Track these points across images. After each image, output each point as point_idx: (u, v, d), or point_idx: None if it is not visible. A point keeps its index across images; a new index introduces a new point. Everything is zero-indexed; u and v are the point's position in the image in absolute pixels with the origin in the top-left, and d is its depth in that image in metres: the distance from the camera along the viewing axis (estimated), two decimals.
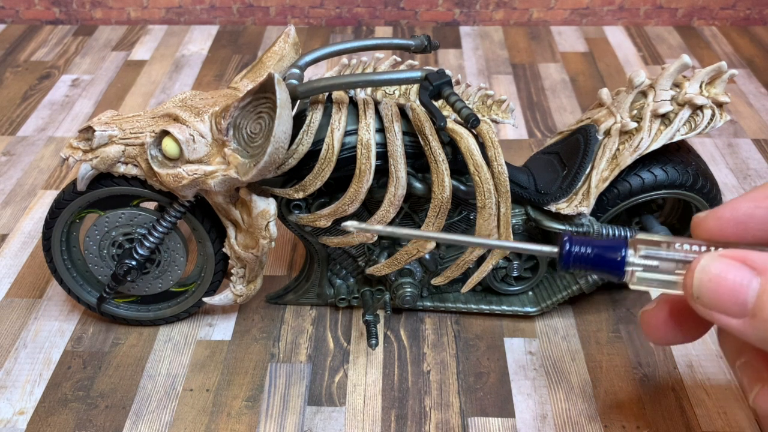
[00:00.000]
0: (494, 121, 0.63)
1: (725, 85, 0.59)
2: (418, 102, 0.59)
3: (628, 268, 0.35)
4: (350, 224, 0.39)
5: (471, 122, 0.50)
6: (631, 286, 0.35)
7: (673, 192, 0.60)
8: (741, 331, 0.31)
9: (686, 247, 0.34)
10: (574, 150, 0.61)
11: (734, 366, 0.36)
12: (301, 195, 0.57)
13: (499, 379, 0.61)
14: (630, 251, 0.34)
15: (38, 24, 1.25)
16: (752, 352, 0.35)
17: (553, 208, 0.60)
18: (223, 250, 0.60)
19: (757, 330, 0.31)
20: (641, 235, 0.35)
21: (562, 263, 0.36)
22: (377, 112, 0.56)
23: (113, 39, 1.20)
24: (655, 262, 0.34)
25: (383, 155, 0.56)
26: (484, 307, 0.66)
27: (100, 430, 0.57)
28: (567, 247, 0.35)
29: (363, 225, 0.38)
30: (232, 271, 0.61)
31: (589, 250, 0.35)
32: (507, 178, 0.55)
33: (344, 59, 0.61)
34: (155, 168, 0.54)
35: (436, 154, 0.54)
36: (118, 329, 0.66)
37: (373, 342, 0.60)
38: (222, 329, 0.66)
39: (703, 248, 0.34)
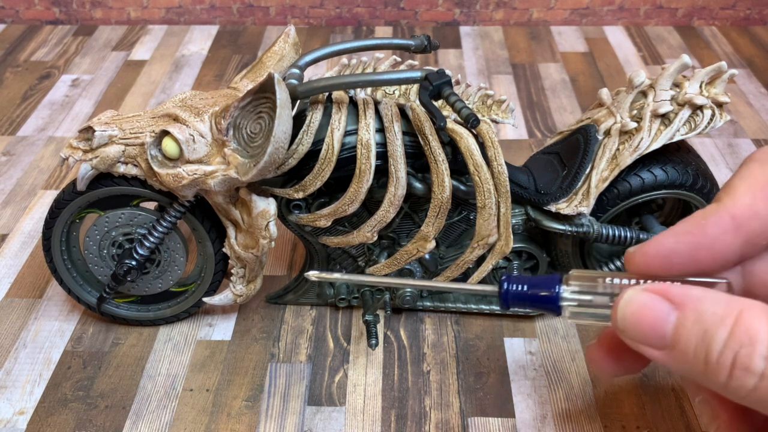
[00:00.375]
0: (494, 121, 0.63)
1: (725, 85, 0.59)
2: (418, 102, 0.59)
3: (563, 303, 0.36)
4: (312, 273, 0.41)
5: (471, 122, 0.50)
6: (567, 319, 0.36)
7: (673, 192, 0.60)
8: (664, 363, 0.32)
9: (616, 281, 0.35)
10: (574, 150, 0.61)
11: (694, 402, 0.37)
12: (301, 195, 0.57)
13: (499, 379, 0.61)
14: (564, 287, 0.36)
15: (38, 24, 1.25)
16: (708, 391, 0.35)
17: (553, 208, 0.60)
18: (223, 250, 0.60)
19: (676, 361, 0.32)
20: (575, 271, 0.36)
21: (502, 302, 0.37)
22: (377, 112, 0.56)
23: (113, 39, 1.20)
24: (588, 297, 0.36)
25: (383, 155, 0.56)
26: (484, 307, 0.66)
27: (100, 430, 0.57)
28: (505, 286, 0.37)
29: (324, 274, 0.41)
30: (232, 271, 0.61)
31: (525, 288, 0.37)
32: (507, 178, 0.55)
33: (344, 59, 0.61)
34: (155, 168, 0.54)
35: (436, 154, 0.54)
36: (118, 329, 0.66)
37: (373, 342, 0.60)
38: (222, 329, 0.66)
39: (633, 282, 0.35)
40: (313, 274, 0.42)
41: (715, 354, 0.30)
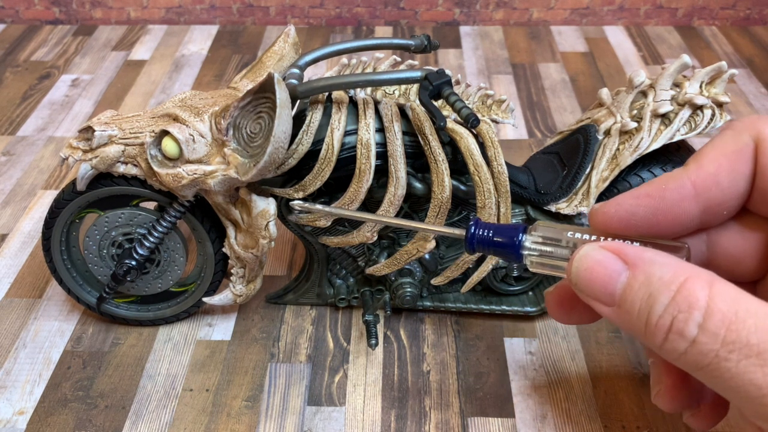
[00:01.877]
0: (494, 121, 0.63)
1: (725, 85, 0.59)
2: (418, 102, 0.59)
3: (525, 252, 0.37)
4: (296, 203, 0.48)
5: (471, 122, 0.50)
6: (530, 269, 0.38)
7: None
8: (611, 319, 0.33)
9: (578, 236, 0.36)
10: (574, 150, 0.61)
11: (649, 363, 0.39)
12: (301, 195, 0.57)
13: (499, 379, 0.61)
14: (526, 236, 0.37)
15: (38, 24, 1.25)
16: (656, 354, 0.36)
17: (553, 208, 0.60)
18: (223, 250, 0.60)
19: (621, 320, 0.33)
20: (540, 222, 0.38)
21: (467, 244, 0.39)
22: (377, 112, 0.56)
23: (113, 39, 1.20)
24: (548, 248, 0.37)
25: (383, 155, 0.56)
26: (484, 307, 0.66)
27: (99, 430, 0.57)
28: (471, 230, 0.39)
29: (307, 204, 0.47)
30: (232, 271, 0.61)
31: (490, 233, 0.39)
32: (507, 178, 0.55)
33: (344, 59, 0.61)
34: (155, 168, 0.54)
35: (436, 154, 0.54)
36: (118, 329, 0.66)
37: (373, 342, 0.60)
38: (222, 329, 0.66)
39: (594, 238, 0.36)
40: (296, 204, 0.48)
41: (655, 316, 0.30)
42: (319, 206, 0.47)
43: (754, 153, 0.35)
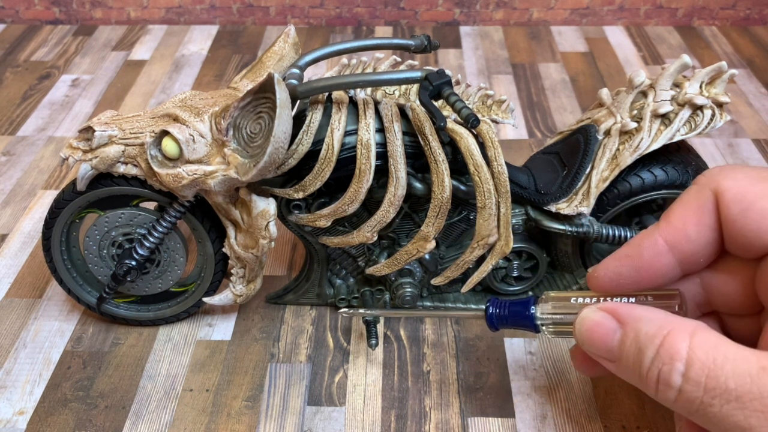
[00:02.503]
0: (494, 121, 0.63)
1: (725, 85, 0.59)
2: (418, 102, 0.59)
3: (539, 323, 0.42)
4: (342, 311, 0.55)
5: (471, 122, 0.50)
6: (549, 336, 0.42)
7: (673, 192, 0.60)
8: (616, 373, 0.37)
9: (581, 300, 0.40)
10: (574, 150, 0.61)
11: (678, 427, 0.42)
12: (301, 195, 0.57)
13: (499, 379, 0.61)
14: (537, 308, 0.41)
15: (38, 24, 1.25)
16: (684, 420, 0.40)
17: (553, 208, 0.60)
18: (223, 250, 0.60)
19: (623, 373, 0.36)
20: (547, 293, 0.41)
21: (489, 325, 0.44)
22: (377, 112, 0.56)
23: (113, 39, 1.20)
24: (559, 315, 0.41)
25: (383, 155, 0.56)
26: (483, 307, 0.66)
27: (99, 430, 0.57)
28: (489, 311, 0.43)
29: (351, 311, 0.56)
30: (232, 271, 0.61)
31: (505, 312, 0.43)
32: (507, 178, 0.55)
33: (344, 59, 0.61)
34: (155, 168, 0.54)
35: (436, 154, 0.54)
36: (118, 329, 0.66)
37: (373, 342, 0.60)
38: (222, 329, 0.66)
39: (595, 300, 0.40)
40: (343, 312, 0.54)
41: (645, 369, 0.33)
42: (362, 310, 0.56)
43: (715, 205, 0.38)
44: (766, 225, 0.36)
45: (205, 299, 0.63)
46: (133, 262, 0.60)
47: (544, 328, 0.41)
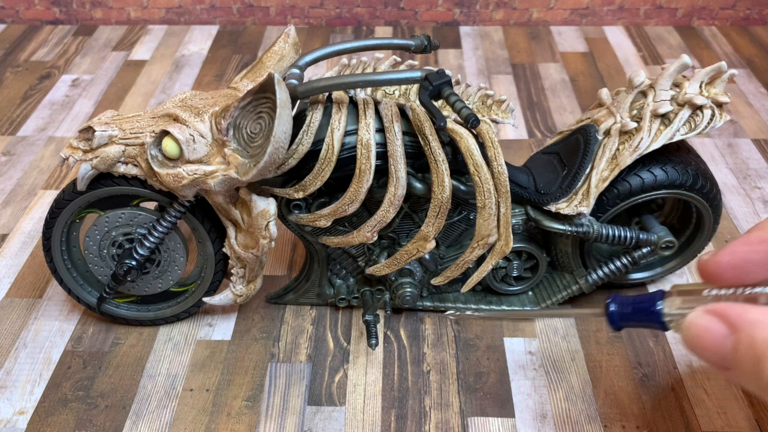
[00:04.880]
0: (494, 121, 0.63)
1: (725, 85, 0.59)
2: (418, 102, 0.59)
3: (667, 320, 0.37)
4: (449, 313, 0.54)
5: (471, 122, 0.50)
6: (675, 333, 0.38)
7: (672, 192, 0.60)
8: (730, 380, 0.35)
9: (714, 293, 0.36)
10: (574, 150, 0.61)
11: None
12: (301, 195, 0.57)
13: (499, 379, 0.61)
14: (665, 305, 0.37)
15: (38, 24, 1.25)
16: None
17: (553, 208, 0.60)
18: (223, 250, 0.60)
19: (739, 380, 0.33)
20: (675, 286, 0.37)
21: (611, 324, 0.40)
22: (377, 112, 0.56)
23: (113, 39, 1.20)
24: (687, 311, 0.36)
25: (383, 155, 0.56)
26: (484, 307, 0.66)
27: (100, 430, 0.57)
28: (610, 309, 0.39)
29: (459, 313, 0.52)
30: (232, 271, 0.61)
31: (629, 310, 0.39)
32: (507, 178, 0.55)
33: (344, 59, 0.61)
34: (155, 168, 0.54)
35: (436, 154, 0.54)
36: (118, 329, 0.66)
37: (373, 342, 0.60)
38: (222, 329, 0.66)
39: (731, 291, 0.36)
40: (449, 315, 0.53)
41: (765, 378, 0.31)
42: (468, 312, 0.56)
43: None
44: None
45: (205, 299, 0.63)
46: (134, 262, 0.60)
47: (672, 325, 0.38)
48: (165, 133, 0.53)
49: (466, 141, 0.54)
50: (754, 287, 0.35)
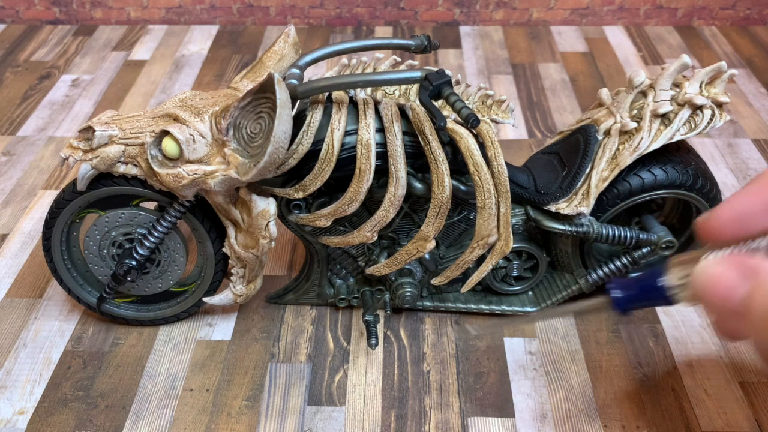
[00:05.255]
0: (494, 121, 0.63)
1: (725, 85, 0.59)
2: (418, 102, 0.59)
3: (673, 293, 0.36)
4: (471, 328, 0.53)
5: (471, 122, 0.50)
6: (686, 305, 0.37)
7: (672, 192, 0.60)
8: (740, 333, 0.33)
9: (711, 257, 0.35)
10: (574, 150, 0.61)
11: None
12: (301, 195, 0.57)
13: (499, 379, 0.61)
14: (666, 278, 0.36)
15: (38, 24, 1.25)
16: None
17: (552, 208, 0.60)
18: (223, 250, 0.60)
19: (752, 330, 0.32)
20: (674, 258, 0.37)
21: (617, 310, 0.39)
22: (377, 112, 0.56)
23: (113, 39, 1.20)
24: (689, 279, 0.35)
25: (383, 155, 0.56)
26: (484, 307, 0.66)
27: (100, 430, 0.57)
28: (613, 295, 0.38)
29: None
30: (232, 271, 0.61)
31: (634, 292, 0.38)
32: (507, 178, 0.55)
33: (344, 59, 0.61)
34: (155, 168, 0.54)
35: (436, 154, 0.54)
36: (118, 329, 0.66)
37: (373, 342, 0.60)
38: (222, 329, 0.66)
39: (728, 252, 0.35)
40: (471, 328, 0.53)
41: None
42: (490, 323, 0.53)
43: None
44: None
45: (205, 299, 0.63)
46: (134, 262, 0.60)
47: (679, 296, 0.37)
48: (165, 133, 0.53)
49: (466, 141, 0.54)
50: (754, 240, 0.35)
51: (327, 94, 0.57)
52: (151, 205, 0.63)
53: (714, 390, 0.60)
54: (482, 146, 0.55)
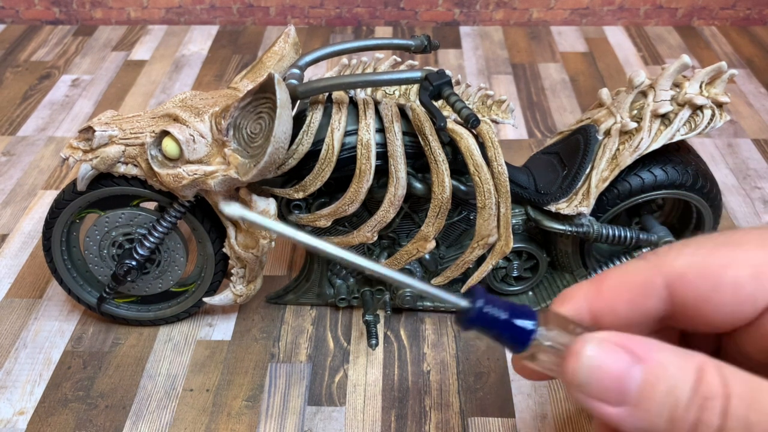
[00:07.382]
0: (494, 121, 0.63)
1: (725, 85, 0.59)
2: (418, 102, 0.59)
3: (534, 343, 0.30)
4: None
5: (471, 122, 0.50)
6: (525, 362, 0.31)
7: (673, 192, 0.60)
8: (618, 420, 0.29)
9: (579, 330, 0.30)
10: (574, 150, 0.61)
11: None
12: (301, 195, 0.57)
13: (499, 379, 0.61)
14: (541, 327, 0.30)
15: (38, 24, 1.25)
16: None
17: (553, 208, 0.60)
18: (223, 250, 0.60)
19: (636, 418, 0.29)
20: (553, 311, 0.31)
21: (463, 321, 0.30)
22: (377, 112, 0.56)
23: (113, 39, 1.20)
24: (562, 341, 0.30)
25: (383, 155, 0.56)
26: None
27: (100, 430, 0.57)
28: (480, 305, 0.30)
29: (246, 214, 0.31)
30: (232, 271, 0.61)
31: (501, 315, 0.30)
32: (507, 178, 0.55)
33: (344, 59, 0.61)
34: (155, 168, 0.54)
35: (436, 154, 0.54)
36: (118, 329, 0.66)
37: (373, 342, 0.60)
38: (222, 329, 0.66)
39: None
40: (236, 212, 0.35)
41: (680, 411, 0.28)
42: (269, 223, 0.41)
43: (663, 291, 0.32)
44: (743, 295, 0.32)
45: (205, 299, 0.63)
46: (134, 262, 0.60)
47: (531, 350, 0.30)
48: (165, 133, 0.53)
49: (466, 141, 0.54)
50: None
51: (327, 94, 0.57)
52: (151, 205, 0.63)
53: None
54: (482, 146, 0.55)
